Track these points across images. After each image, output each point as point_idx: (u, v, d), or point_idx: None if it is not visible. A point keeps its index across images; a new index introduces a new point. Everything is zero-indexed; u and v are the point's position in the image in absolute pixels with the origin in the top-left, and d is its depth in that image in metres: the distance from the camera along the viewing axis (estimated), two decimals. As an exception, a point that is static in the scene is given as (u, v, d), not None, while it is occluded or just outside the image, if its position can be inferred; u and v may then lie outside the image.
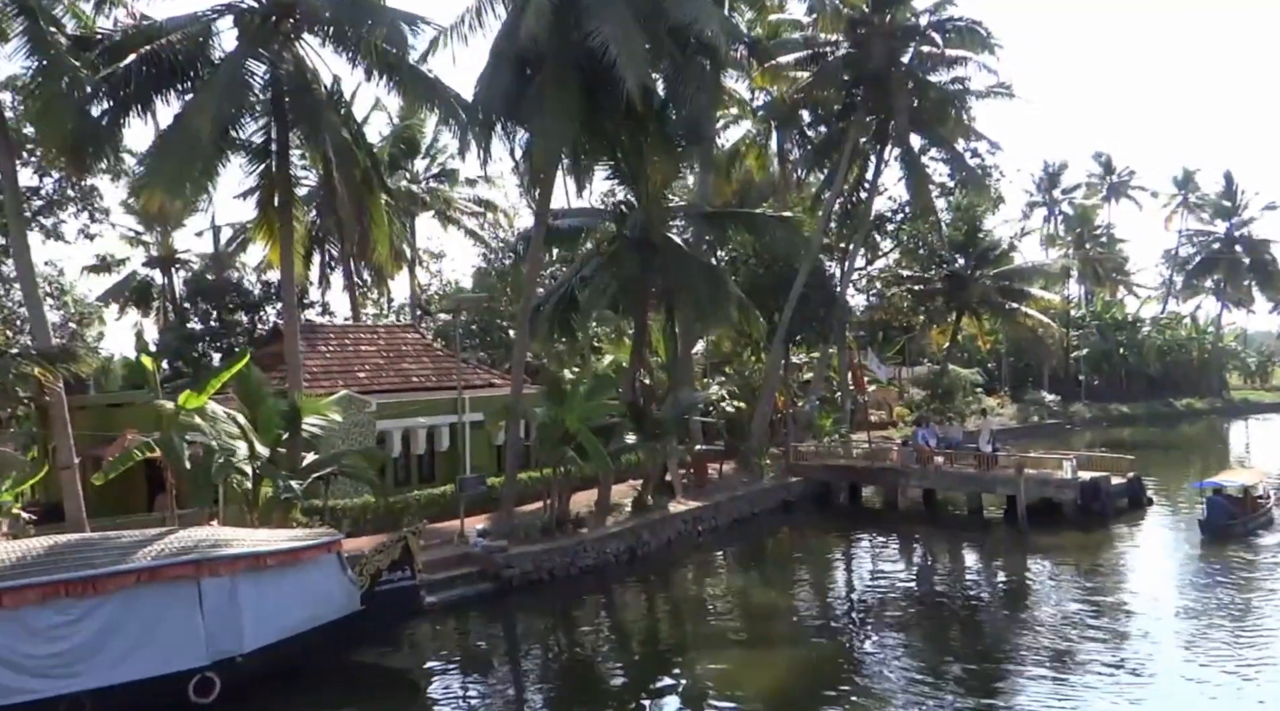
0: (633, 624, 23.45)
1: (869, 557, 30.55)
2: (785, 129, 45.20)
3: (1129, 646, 19.74)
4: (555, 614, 23.67)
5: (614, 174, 26.67)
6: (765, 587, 26.47)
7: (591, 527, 27.81)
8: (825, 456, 39.57)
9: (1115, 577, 26.15)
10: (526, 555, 24.94)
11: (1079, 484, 32.26)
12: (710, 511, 32.29)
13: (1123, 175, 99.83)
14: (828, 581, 27.73)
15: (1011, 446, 55.94)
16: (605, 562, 26.85)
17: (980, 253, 55.59)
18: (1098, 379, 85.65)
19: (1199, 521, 30.11)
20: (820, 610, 24.00)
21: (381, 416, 30.55)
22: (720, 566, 28.64)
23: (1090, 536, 30.58)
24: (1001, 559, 29.31)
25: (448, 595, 23.03)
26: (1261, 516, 31.65)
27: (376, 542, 19.80)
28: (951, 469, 35.65)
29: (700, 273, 26.25)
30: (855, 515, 36.21)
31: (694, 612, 24.06)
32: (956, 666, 18.89)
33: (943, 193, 45.74)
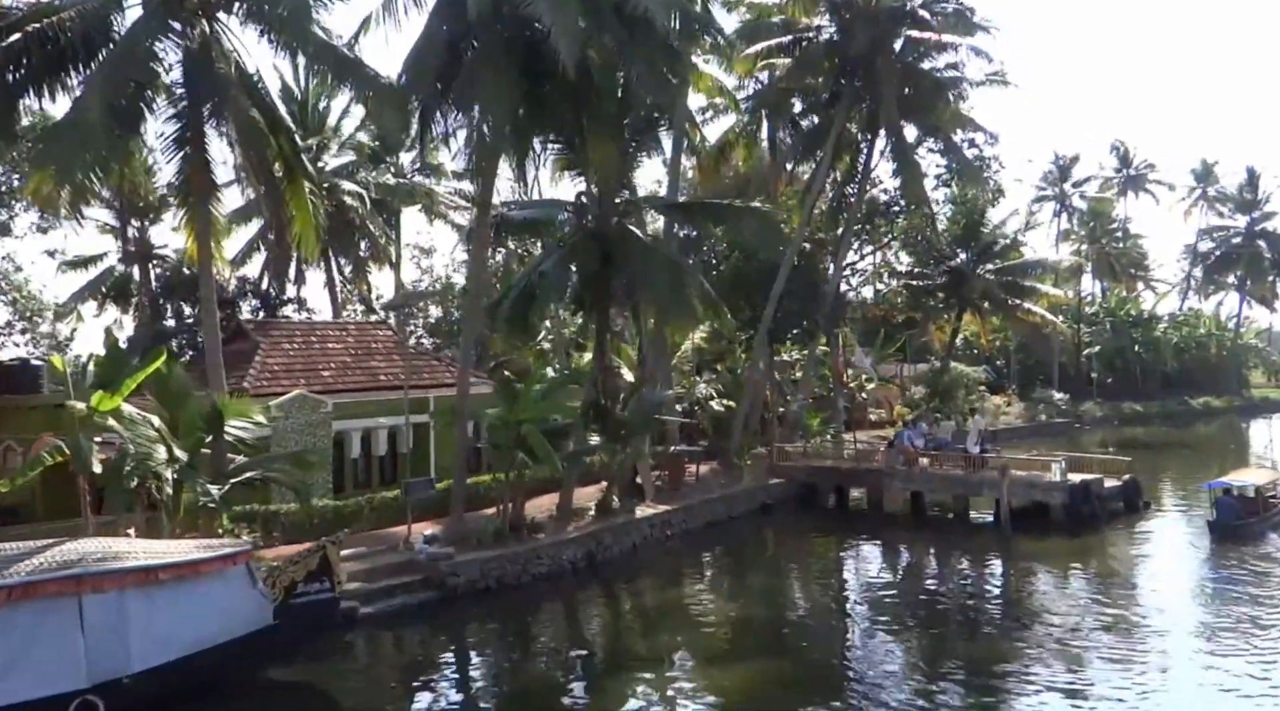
0: (582, 635, 22.27)
1: (841, 564, 29.34)
2: (775, 119, 43.85)
3: (1114, 658, 18.67)
4: (500, 624, 22.51)
5: (567, 159, 25.47)
6: (729, 596, 25.26)
7: (549, 533, 26.69)
8: (810, 457, 38.39)
9: (1101, 584, 24.87)
10: (474, 562, 23.84)
11: (1067, 487, 30.87)
12: (681, 514, 31.10)
13: (1140, 168, 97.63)
14: (794, 589, 26.46)
15: (1015, 446, 54.87)
16: (560, 570, 25.69)
17: (982, 247, 54.23)
18: (1111, 377, 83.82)
19: (1207, 522, 29.31)
20: (783, 619, 22.73)
21: (339, 416, 29.55)
22: (685, 573, 27.40)
23: (1077, 542, 29.26)
24: (981, 565, 28.07)
25: (386, 605, 21.99)
26: (1273, 516, 30.55)
27: (293, 553, 18.74)
28: (937, 471, 34.32)
29: (661, 266, 25.04)
30: (837, 518, 34.97)
31: (650, 623, 22.91)
32: (928, 683, 17.76)
33: (939, 184, 44.26)
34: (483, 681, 19.53)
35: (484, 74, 20.21)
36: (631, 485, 31.61)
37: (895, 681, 18.08)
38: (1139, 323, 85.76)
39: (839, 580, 27.33)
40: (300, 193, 20.61)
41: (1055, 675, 17.81)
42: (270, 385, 30.91)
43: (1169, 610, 21.74)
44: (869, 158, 41.64)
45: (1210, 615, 21.56)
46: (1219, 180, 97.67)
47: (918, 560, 29.27)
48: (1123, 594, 23.62)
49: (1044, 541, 29.31)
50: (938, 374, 56.52)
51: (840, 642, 21.06)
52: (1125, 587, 24.25)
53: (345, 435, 30.02)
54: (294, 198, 20.55)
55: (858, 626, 22.25)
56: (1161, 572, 26.09)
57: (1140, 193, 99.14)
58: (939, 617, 22.61)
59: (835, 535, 32.50)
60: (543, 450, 23.73)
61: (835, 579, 27.51)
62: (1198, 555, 28.00)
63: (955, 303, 54.97)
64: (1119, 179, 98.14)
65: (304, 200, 20.79)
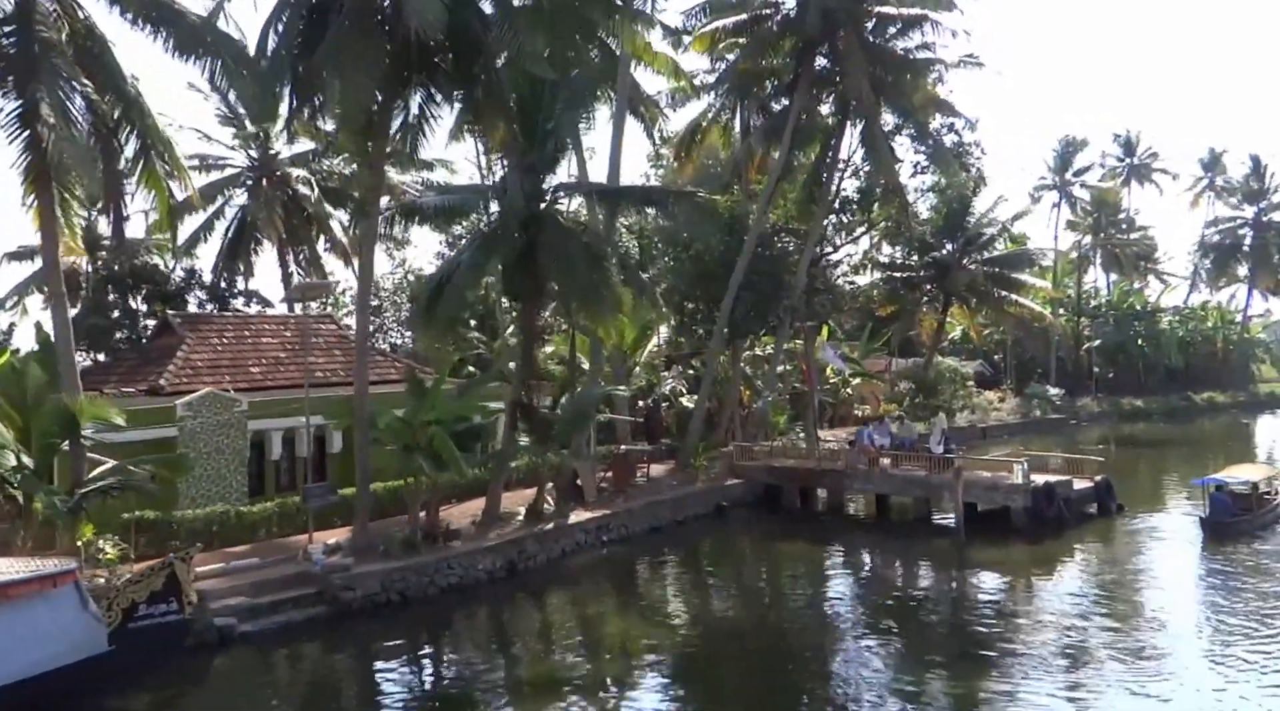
0: (483, 653, 20.49)
1: (781, 572, 27.63)
2: (745, 102, 42.03)
3: (1061, 669, 17.39)
4: (397, 641, 20.87)
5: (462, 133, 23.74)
6: (653, 608, 23.57)
7: (468, 541, 25.06)
8: (771, 457, 36.62)
9: (1061, 592, 23.17)
10: (374, 574, 22.21)
11: (1030, 489, 29.03)
12: (622, 519, 29.39)
13: (1144, 157, 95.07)
14: (727, 599, 24.68)
15: (1004, 444, 53.06)
16: (475, 580, 23.99)
17: (968, 238, 52.26)
18: (1113, 372, 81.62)
19: (1200, 519, 28.40)
20: (709, 633, 21.10)
21: (259, 415, 27.96)
22: (612, 583, 25.73)
23: (1036, 548, 27.47)
24: (926, 572, 26.36)
25: (270, 622, 20.42)
26: (1268, 513, 29.32)
27: (134, 571, 17.15)
28: (898, 472, 32.53)
29: (576, 253, 23.32)
30: (797, 521, 33.18)
31: (561, 639, 21.22)
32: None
33: (916, 171, 42.31)
34: (364, 706, 17.92)
35: (345, 41, 18.51)
36: (571, 488, 29.96)
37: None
38: (1142, 316, 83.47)
39: (774, 589, 25.62)
40: (155, 175, 18.97)
41: (977, 685, 16.45)
42: (191, 383, 29.36)
43: (1136, 614, 20.24)
44: (838, 143, 39.74)
45: (1183, 615, 20.08)
46: (1227, 169, 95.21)
47: (862, 567, 27.62)
48: (1078, 601, 21.89)
49: (1000, 547, 27.55)
50: (922, 368, 54.67)
51: (757, 660, 19.36)
52: (1081, 595, 22.49)
53: (265, 435, 28.44)
54: (149, 179, 18.91)
55: (779, 641, 20.51)
56: (1133, 575, 24.57)
57: (1146, 182, 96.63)
58: (861, 631, 20.93)
59: (788, 540, 30.84)
60: (448, 453, 22.09)
61: (770, 588, 25.81)
62: (1185, 554, 26.68)
63: (940, 295, 53.06)
64: (1123, 168, 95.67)
65: (159, 183, 19.16)
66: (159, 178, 19.08)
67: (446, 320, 24.65)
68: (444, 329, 25.05)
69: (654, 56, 35.20)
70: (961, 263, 52.11)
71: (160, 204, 19.35)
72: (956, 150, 42.46)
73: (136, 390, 28.73)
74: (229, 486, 26.89)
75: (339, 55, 18.45)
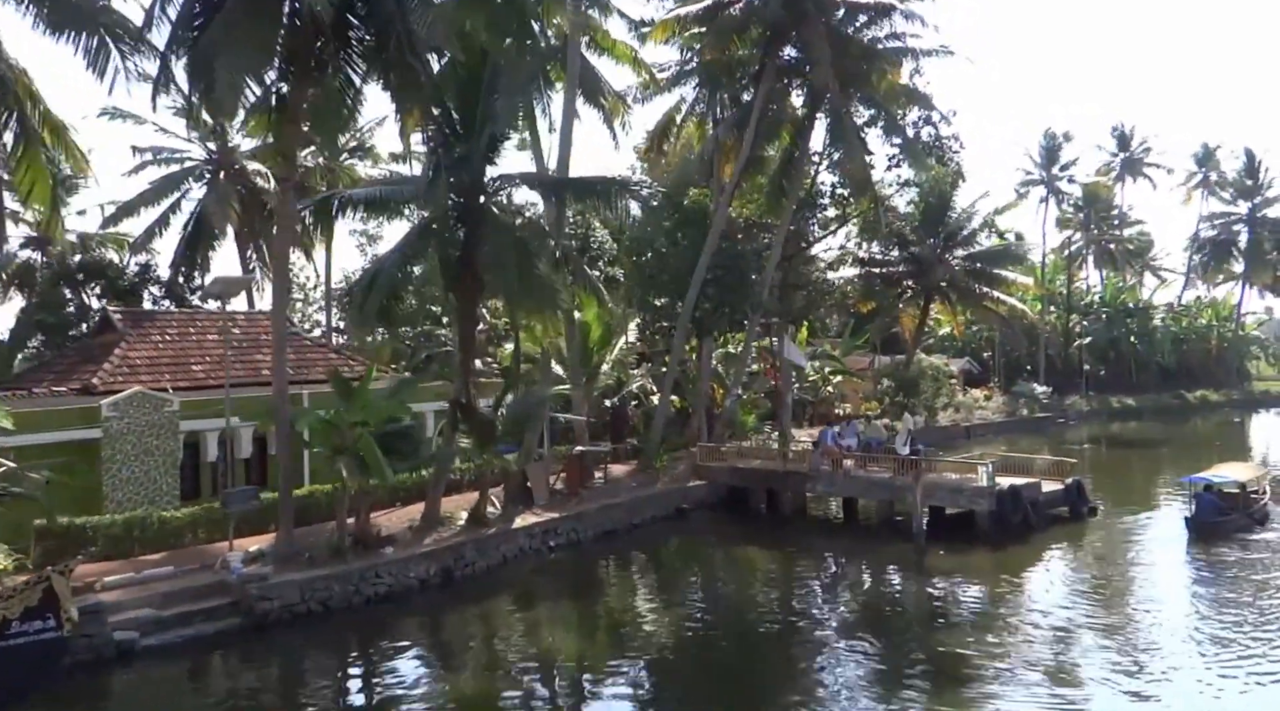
0: (401, 666, 19.30)
1: (734, 578, 26.57)
2: (715, 95, 40.87)
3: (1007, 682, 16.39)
4: (314, 655, 19.90)
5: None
6: (593, 619, 22.58)
7: (402, 547, 24.00)
8: (736, 457, 35.55)
9: (1016, 600, 22.17)
10: (293, 583, 21.13)
11: (994, 492, 27.95)
12: (572, 523, 28.32)
13: (1138, 151, 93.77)
14: (672, 609, 23.36)
15: (989, 443, 51.96)
16: (407, 588, 22.92)
17: (948, 233, 51.20)
18: (1104, 369, 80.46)
19: (1185, 518, 27.93)
20: (643, 648, 19.96)
21: (191, 416, 26.90)
22: (553, 591, 24.58)
23: (999, 553, 26.41)
24: (886, 580, 25.29)
25: (176, 635, 19.35)
26: (1255, 513, 28.75)
27: (7, 586, 16.08)
28: (861, 474, 31.44)
29: (510, 247, 22.23)
30: (758, 524, 32.13)
31: (487, 654, 20.09)
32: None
33: (891, 166, 41.19)
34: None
35: (235, 16, 17.34)
36: (521, 491, 28.92)
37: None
38: (1134, 313, 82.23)
39: (720, 597, 24.45)
40: (36, 159, 17.89)
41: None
42: (127, 381, 28.32)
43: (1091, 624, 19.05)
44: (808, 136, 38.64)
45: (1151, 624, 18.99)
46: (1221, 165, 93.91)
47: (813, 573, 26.44)
48: (1032, 610, 20.83)
49: (960, 553, 26.48)
50: (902, 366, 53.59)
51: (691, 672, 18.37)
52: (1035, 604, 21.41)
53: (200, 437, 27.40)
54: (29, 164, 17.84)
55: (715, 652, 19.50)
56: (1097, 581, 23.61)
57: (1139, 177, 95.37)
58: (800, 643, 19.86)
59: (746, 544, 29.83)
60: (371, 457, 21.02)
61: (716, 596, 24.62)
62: (1157, 557, 25.89)
63: (920, 291, 52.01)
64: (1117, 163, 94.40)
65: (40, 168, 18.09)
66: (39, 161, 17.98)
67: (375, 314, 23.57)
68: (374, 323, 23.93)
69: (612, 44, 34.08)
70: (942, 258, 51.08)
71: (40, 191, 18.21)
72: (932, 143, 41.43)
73: (68, 389, 27.77)
74: (160, 489, 25.87)
75: (226, 33, 17.35)
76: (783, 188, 39.58)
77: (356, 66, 20.48)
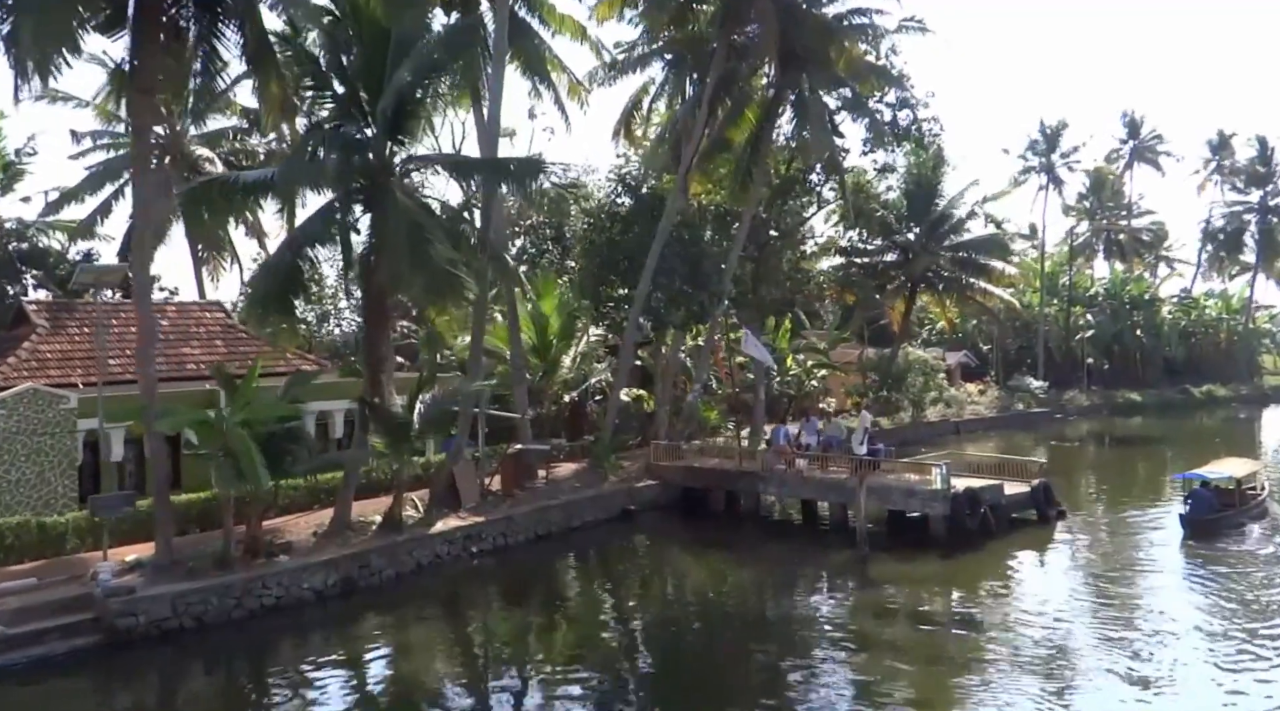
0: (276, 691, 17.77)
1: (666, 585, 25.04)
2: (680, 75, 39.00)
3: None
4: (170, 676, 18.22)
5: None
6: (497, 633, 20.95)
7: (301, 554, 22.35)
8: (689, 456, 33.82)
9: (950, 613, 20.24)
10: (163, 597, 19.47)
11: (948, 495, 26.06)
12: (500, 527, 26.60)
13: (1148, 139, 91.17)
14: (584, 622, 21.62)
15: (979, 439, 49.86)
16: (299, 600, 21.21)
17: (933, 221, 49.12)
18: (1108, 363, 78.15)
19: (1180, 516, 26.97)
20: (543, 665, 18.32)
21: (91, 414, 25.29)
22: (469, 602, 22.96)
23: (947, 561, 24.55)
24: (817, 590, 23.45)
25: (24, 655, 17.63)
26: (1252, 510, 27.69)
27: None
28: (814, 474, 29.61)
29: (403, 231, 20.49)
30: (707, 527, 30.35)
31: (369, 674, 18.49)
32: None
33: (867, 150, 39.25)
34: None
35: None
36: (448, 492, 27.26)
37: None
38: (1140, 305, 79.78)
39: (641, 607, 22.65)
40: None
41: None
42: (34, 376, 26.99)
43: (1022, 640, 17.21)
44: (774, 118, 36.68)
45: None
46: (1234, 152, 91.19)
47: (745, 582, 24.44)
48: (967, 625, 18.98)
49: (907, 561, 24.58)
50: (886, 359, 51.57)
51: (587, 691, 16.64)
52: (971, 616, 19.56)
53: (105, 436, 25.81)
54: None
55: (618, 668, 17.75)
56: (1052, 591, 21.67)
57: (1148, 165, 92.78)
58: (710, 658, 18.09)
59: (690, 548, 28.29)
60: (247, 460, 19.36)
61: (639, 605, 22.80)
62: (1126, 565, 24.17)
63: (905, 282, 49.97)
64: (1126, 150, 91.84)
65: None
66: None
67: (272, 303, 21.93)
68: (272, 313, 22.34)
69: (560, 19, 32.27)
70: (928, 247, 49.03)
71: None
72: (909, 126, 39.47)
73: (-33, 385, 26.32)
74: (54, 492, 24.32)
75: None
76: (750, 172, 37.68)
77: (218, 34, 18.78)
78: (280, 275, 22.59)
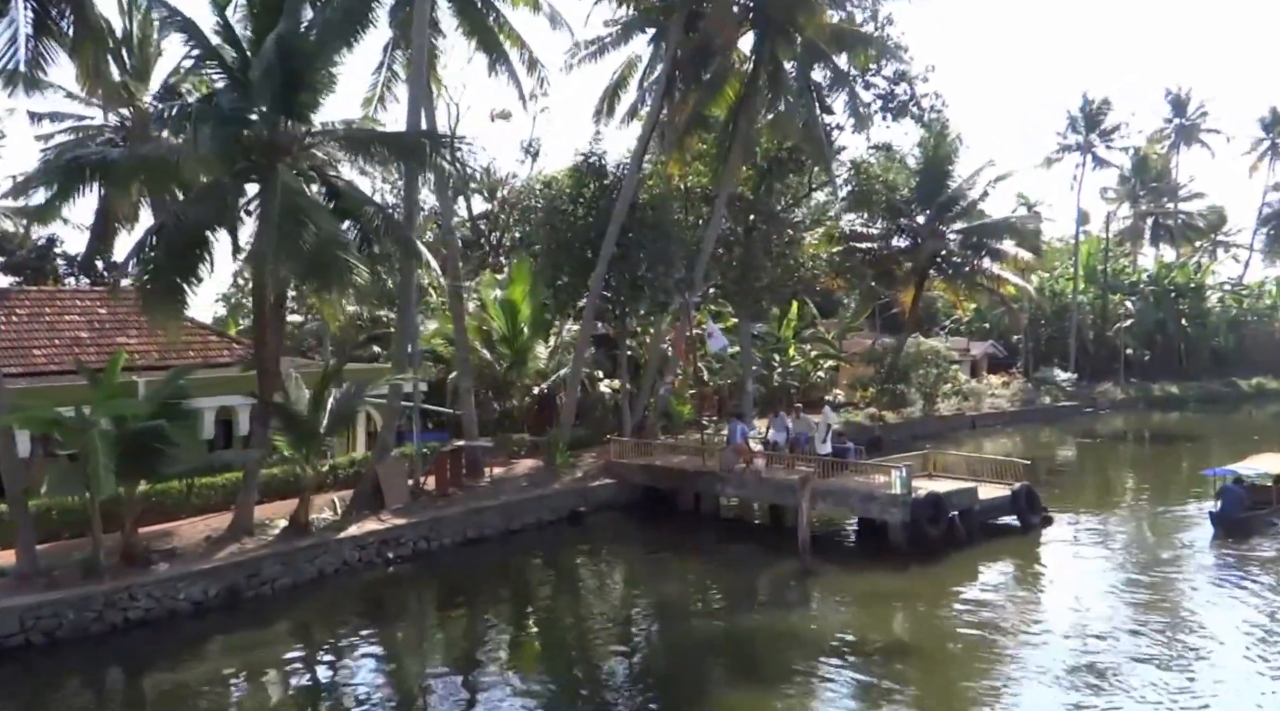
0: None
1: (596, 595, 23.03)
2: (658, 49, 36.89)
3: None
4: (22, 699, 16.68)
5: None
6: (395, 650, 19.06)
7: (187, 561, 20.73)
8: (666, 453, 31.82)
9: (900, 633, 17.97)
10: (11, 610, 17.84)
11: (909, 501, 23.71)
12: (422, 530, 24.73)
13: (1194, 117, 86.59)
14: (497, 639, 19.78)
15: (993, 434, 47.09)
16: (173, 612, 19.47)
17: (941, 204, 46.42)
18: (1149, 354, 74.34)
19: (1210, 514, 25.87)
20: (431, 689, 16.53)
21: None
22: (370, 613, 21.08)
23: (899, 575, 22.17)
24: (750, 603, 21.19)
25: None
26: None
27: None
28: (773, 474, 27.41)
29: (275, 208, 18.62)
30: (657, 531, 28.29)
31: (235, 698, 16.73)
32: None
33: (855, 128, 36.78)
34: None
35: None
36: (373, 493, 25.53)
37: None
38: (1185, 293, 75.59)
39: (547, 621, 20.68)
40: None
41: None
42: (-59, 368, 25.66)
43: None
44: (752, 92, 34.39)
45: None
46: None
47: (675, 596, 22.21)
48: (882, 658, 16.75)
49: (854, 574, 22.35)
50: (894, 349, 48.90)
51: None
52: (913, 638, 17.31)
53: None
54: None
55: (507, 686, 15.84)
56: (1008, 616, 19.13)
57: (1197, 145, 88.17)
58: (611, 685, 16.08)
59: (638, 554, 26.37)
60: (94, 463, 17.72)
61: (544, 620, 20.83)
62: (1104, 585, 21.18)
63: (913, 269, 47.32)
64: (1171, 129, 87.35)
65: None
66: None
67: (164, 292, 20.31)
68: (172, 302, 20.73)
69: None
70: (937, 232, 46.36)
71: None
72: (904, 101, 37.04)
73: None
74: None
75: None
76: (731, 150, 35.47)
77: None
78: (171, 258, 20.90)
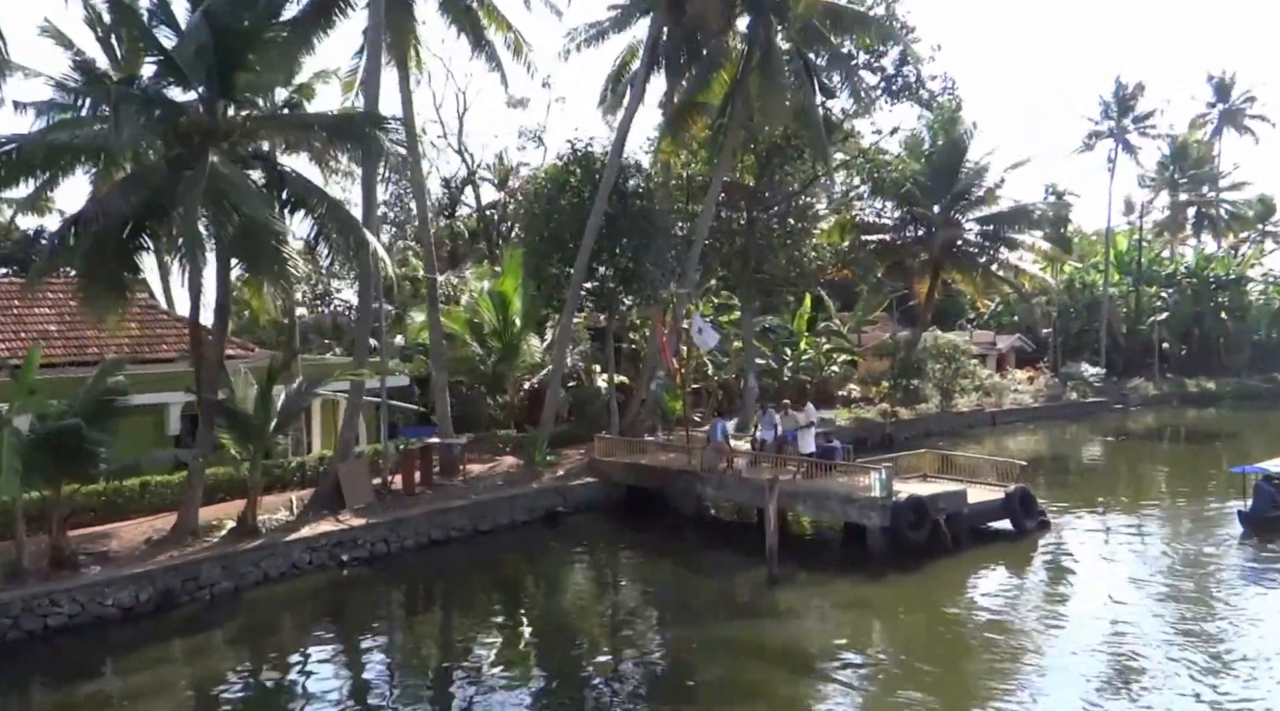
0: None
1: (558, 602, 21.71)
2: (657, 32, 35.63)
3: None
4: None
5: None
6: (330, 663, 18.00)
7: (120, 564, 19.86)
8: (649, 452, 30.64)
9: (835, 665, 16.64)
10: (-90, 617, 17.20)
11: (888, 504, 22.31)
12: (382, 531, 23.73)
13: (1238, 102, 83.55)
14: (435, 648, 18.78)
15: (1013, 432, 45.36)
16: (100, 618, 18.57)
17: (955, 193, 44.69)
18: (1185, 348, 71.83)
19: (1239, 512, 25.15)
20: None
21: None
22: (317, 620, 20.14)
23: (871, 585, 20.82)
24: (712, 620, 19.61)
25: None
26: None
27: None
28: (753, 474, 26.11)
29: (198, 195, 17.66)
30: (636, 533, 27.18)
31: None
32: None
33: (855, 112, 35.32)
34: None
35: None
36: (333, 493, 24.58)
37: None
38: (1225, 285, 72.78)
39: (503, 632, 19.52)
40: None
41: None
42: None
43: None
44: (746, 75, 33.00)
45: None
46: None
47: (640, 607, 21.01)
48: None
49: (822, 584, 21.00)
50: (908, 342, 47.25)
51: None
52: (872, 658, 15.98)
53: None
54: None
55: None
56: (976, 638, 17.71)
57: (1241, 132, 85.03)
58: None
59: (594, 561, 25.20)
60: (1, 462, 16.86)
61: (500, 630, 19.67)
62: (1099, 599, 19.61)
63: (927, 260, 45.65)
64: (1214, 115, 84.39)
65: None
66: None
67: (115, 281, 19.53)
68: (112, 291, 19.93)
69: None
70: (953, 221, 44.65)
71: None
72: (909, 83, 35.50)
73: None
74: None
75: None
76: (726, 135, 34.15)
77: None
78: (103, 248, 20.04)
